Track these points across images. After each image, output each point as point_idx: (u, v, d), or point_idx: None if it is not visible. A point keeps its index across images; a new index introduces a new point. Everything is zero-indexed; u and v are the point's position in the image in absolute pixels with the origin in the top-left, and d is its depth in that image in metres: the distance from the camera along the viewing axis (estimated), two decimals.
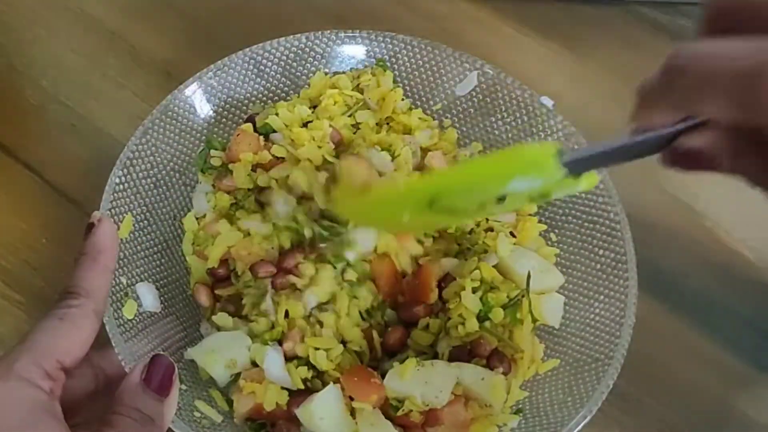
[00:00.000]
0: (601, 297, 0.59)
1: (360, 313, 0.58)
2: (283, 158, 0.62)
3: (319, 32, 0.69)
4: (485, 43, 0.83)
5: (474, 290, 0.58)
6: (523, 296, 0.58)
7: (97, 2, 0.84)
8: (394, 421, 0.54)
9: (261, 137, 0.64)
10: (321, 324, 0.56)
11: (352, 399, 0.53)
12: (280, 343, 0.56)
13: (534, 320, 0.58)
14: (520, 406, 0.57)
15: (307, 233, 0.58)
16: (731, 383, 0.64)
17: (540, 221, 0.65)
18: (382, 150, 0.62)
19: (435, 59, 0.70)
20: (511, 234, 0.63)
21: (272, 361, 0.54)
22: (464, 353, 0.57)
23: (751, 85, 0.29)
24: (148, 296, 0.57)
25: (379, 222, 0.54)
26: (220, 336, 0.57)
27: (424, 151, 0.66)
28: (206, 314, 0.61)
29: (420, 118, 0.69)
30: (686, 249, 0.71)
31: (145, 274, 0.58)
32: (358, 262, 0.58)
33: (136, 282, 0.57)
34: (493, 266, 0.60)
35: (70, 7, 0.84)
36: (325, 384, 0.54)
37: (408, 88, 0.71)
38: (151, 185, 0.62)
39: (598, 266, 0.60)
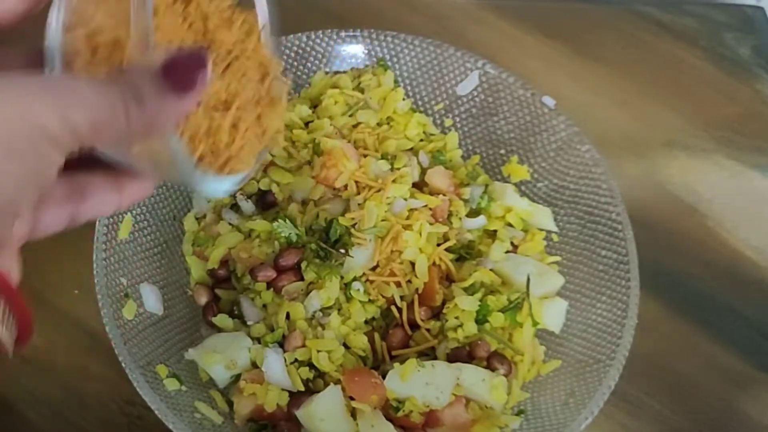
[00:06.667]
0: (603, 298, 0.59)
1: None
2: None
3: (320, 31, 0.69)
4: (487, 43, 0.83)
5: (473, 293, 0.58)
6: (523, 299, 0.58)
7: None
8: (395, 422, 0.53)
9: None
10: (323, 327, 0.56)
11: (352, 399, 0.53)
12: (280, 344, 0.56)
13: (534, 323, 0.58)
14: (522, 407, 0.57)
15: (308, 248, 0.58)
16: (733, 384, 0.64)
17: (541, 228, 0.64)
18: (382, 158, 0.62)
19: (436, 59, 0.69)
20: (513, 245, 0.62)
21: (272, 363, 0.54)
22: (463, 355, 0.56)
23: None
24: (151, 298, 0.57)
25: None
26: (221, 337, 0.57)
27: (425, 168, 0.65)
28: (206, 315, 0.60)
29: (424, 132, 0.68)
30: (688, 249, 0.71)
31: (145, 275, 0.58)
32: (361, 280, 0.58)
33: (136, 283, 0.57)
34: (493, 272, 0.60)
35: None
36: (326, 385, 0.54)
37: (409, 87, 0.71)
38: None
39: (600, 267, 0.60)
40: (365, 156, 0.62)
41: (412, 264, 0.59)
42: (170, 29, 0.35)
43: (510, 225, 0.64)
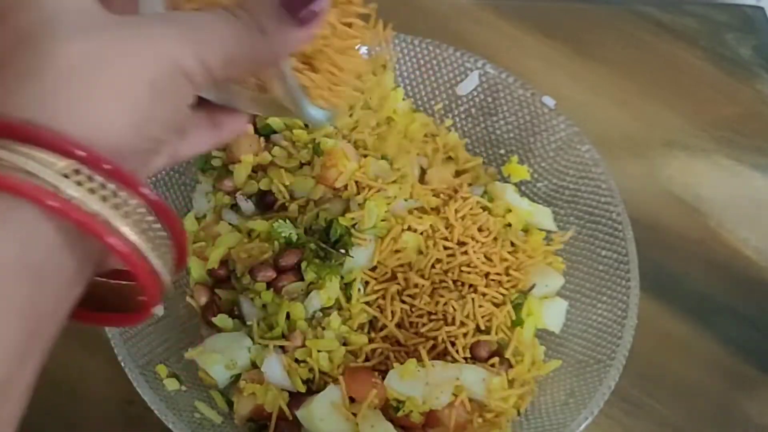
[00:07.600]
0: (603, 298, 0.59)
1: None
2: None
3: None
4: (487, 43, 0.83)
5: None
6: (523, 300, 0.58)
7: None
8: (395, 422, 0.53)
9: (261, 138, 0.63)
10: (323, 327, 0.56)
11: (352, 399, 0.53)
12: (281, 346, 0.56)
13: (535, 323, 0.58)
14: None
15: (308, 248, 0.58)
16: (733, 384, 0.64)
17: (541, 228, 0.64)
18: (382, 158, 0.62)
19: (436, 59, 0.69)
20: (513, 245, 0.62)
21: (272, 364, 0.54)
22: None
23: None
24: None
25: None
26: (221, 337, 0.57)
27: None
28: (206, 315, 0.60)
29: (425, 133, 0.68)
30: (688, 249, 0.71)
31: None
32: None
33: None
34: None
35: None
36: (326, 385, 0.54)
37: (409, 87, 0.71)
38: (151, 185, 0.61)
39: (600, 267, 0.60)
40: (365, 156, 0.62)
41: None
42: None
43: (510, 225, 0.64)
